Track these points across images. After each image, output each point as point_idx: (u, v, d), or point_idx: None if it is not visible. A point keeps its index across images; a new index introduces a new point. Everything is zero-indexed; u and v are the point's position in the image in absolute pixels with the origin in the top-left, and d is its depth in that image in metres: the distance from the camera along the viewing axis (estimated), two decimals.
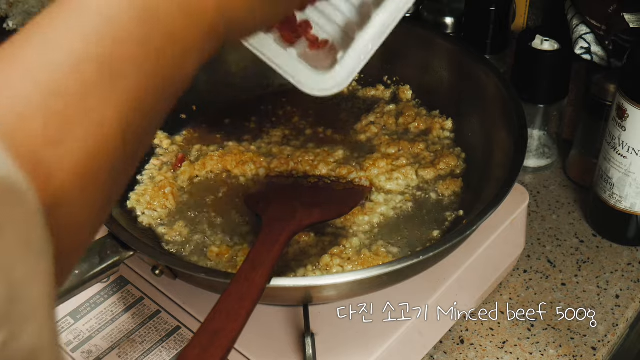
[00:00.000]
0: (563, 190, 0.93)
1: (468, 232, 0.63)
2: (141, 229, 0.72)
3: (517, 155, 0.69)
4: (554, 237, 0.87)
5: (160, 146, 0.81)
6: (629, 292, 0.80)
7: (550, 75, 0.88)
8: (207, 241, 0.72)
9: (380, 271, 0.59)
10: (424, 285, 0.70)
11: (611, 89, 0.83)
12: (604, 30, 0.83)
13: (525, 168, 0.94)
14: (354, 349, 0.65)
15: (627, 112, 0.76)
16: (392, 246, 0.71)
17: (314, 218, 0.67)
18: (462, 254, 0.71)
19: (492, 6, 0.90)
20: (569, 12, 0.89)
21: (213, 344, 0.50)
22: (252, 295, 0.54)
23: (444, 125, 0.83)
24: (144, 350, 0.66)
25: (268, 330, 0.67)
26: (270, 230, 0.61)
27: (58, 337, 0.30)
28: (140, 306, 0.70)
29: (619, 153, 0.78)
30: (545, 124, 0.92)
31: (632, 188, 0.79)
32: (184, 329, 0.68)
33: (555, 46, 0.86)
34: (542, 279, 0.82)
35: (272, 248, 0.59)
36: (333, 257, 0.68)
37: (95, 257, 0.61)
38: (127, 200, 0.74)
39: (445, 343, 0.75)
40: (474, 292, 0.76)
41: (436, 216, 0.74)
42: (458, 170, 0.78)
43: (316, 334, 0.66)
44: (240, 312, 0.53)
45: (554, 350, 0.75)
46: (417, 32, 0.84)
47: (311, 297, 0.63)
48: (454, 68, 0.83)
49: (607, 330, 0.77)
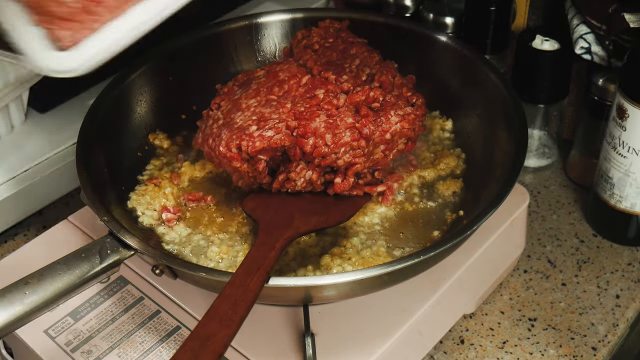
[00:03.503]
0: (563, 190, 0.93)
1: (468, 232, 0.63)
2: (141, 229, 0.72)
3: (517, 155, 0.69)
4: (554, 237, 0.87)
5: (160, 146, 0.81)
6: (629, 292, 0.80)
7: (550, 75, 0.88)
8: (207, 241, 0.72)
9: (381, 271, 0.59)
10: (424, 285, 0.70)
11: (611, 88, 0.83)
12: (604, 30, 0.83)
13: (525, 168, 0.94)
14: (354, 349, 0.65)
15: (627, 112, 0.76)
16: (392, 246, 0.71)
17: (312, 225, 0.66)
18: (462, 254, 0.71)
19: (492, 6, 0.90)
20: (569, 12, 0.89)
21: (204, 349, 0.50)
22: (246, 301, 0.54)
23: (444, 126, 0.82)
24: (144, 350, 0.66)
25: (268, 330, 0.67)
26: (267, 236, 0.61)
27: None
28: (140, 306, 0.70)
29: (619, 153, 0.78)
30: (546, 124, 0.92)
31: (632, 188, 0.79)
32: (184, 329, 0.68)
33: (555, 46, 0.86)
34: (542, 279, 0.82)
35: (268, 254, 0.59)
36: (333, 257, 0.68)
37: (95, 257, 0.61)
38: (127, 200, 0.74)
39: (446, 343, 0.75)
40: (474, 292, 0.76)
41: (436, 216, 0.74)
42: (458, 170, 0.78)
43: (316, 334, 0.66)
44: (233, 317, 0.52)
45: (554, 350, 0.75)
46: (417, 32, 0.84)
47: (311, 297, 0.63)
48: (453, 68, 0.83)
49: (607, 330, 0.77)
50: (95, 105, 0.76)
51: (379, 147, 0.70)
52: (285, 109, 0.68)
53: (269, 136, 0.66)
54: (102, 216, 0.64)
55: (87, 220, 0.77)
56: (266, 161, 0.67)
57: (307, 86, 0.71)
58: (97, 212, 0.65)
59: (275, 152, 0.67)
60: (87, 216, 0.77)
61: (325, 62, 0.75)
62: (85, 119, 0.74)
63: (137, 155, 0.80)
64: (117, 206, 0.72)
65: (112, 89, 0.78)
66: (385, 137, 0.69)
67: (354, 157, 0.68)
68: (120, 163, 0.77)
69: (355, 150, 0.67)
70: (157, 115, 0.82)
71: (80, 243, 0.64)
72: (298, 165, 0.68)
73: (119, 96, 0.79)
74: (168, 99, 0.82)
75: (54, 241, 0.76)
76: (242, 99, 0.72)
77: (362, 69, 0.74)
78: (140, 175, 0.78)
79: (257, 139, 0.66)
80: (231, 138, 0.67)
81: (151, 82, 0.81)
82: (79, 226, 0.77)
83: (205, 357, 0.50)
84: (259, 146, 0.65)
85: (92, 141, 0.73)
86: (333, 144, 0.66)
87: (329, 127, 0.67)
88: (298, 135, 0.67)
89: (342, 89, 0.72)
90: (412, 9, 0.99)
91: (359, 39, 0.80)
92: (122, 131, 0.79)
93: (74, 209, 0.79)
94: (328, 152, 0.66)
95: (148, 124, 0.82)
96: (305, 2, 1.07)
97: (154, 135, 0.82)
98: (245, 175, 0.69)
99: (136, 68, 0.80)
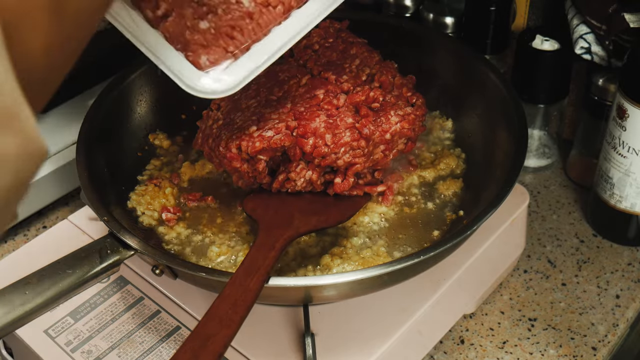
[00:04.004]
0: (563, 190, 0.93)
1: (468, 232, 0.63)
2: (141, 229, 0.72)
3: (517, 155, 0.69)
4: (554, 237, 0.87)
5: (160, 146, 0.81)
6: (629, 292, 0.80)
7: (550, 75, 0.88)
8: (207, 241, 0.72)
9: (381, 271, 0.59)
10: (424, 285, 0.70)
11: (611, 88, 0.83)
12: (604, 30, 0.83)
13: (525, 168, 0.94)
14: (354, 349, 0.65)
15: (627, 112, 0.76)
16: (392, 246, 0.71)
17: (311, 225, 0.66)
18: (462, 254, 0.71)
19: (492, 6, 0.90)
20: (569, 12, 0.89)
21: (205, 350, 0.50)
22: (245, 301, 0.54)
23: (444, 126, 0.83)
24: (144, 350, 0.66)
25: (268, 330, 0.67)
26: (267, 236, 0.61)
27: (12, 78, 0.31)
28: (140, 306, 0.70)
29: (619, 153, 0.78)
30: (546, 124, 0.92)
31: (632, 188, 0.79)
32: (184, 329, 0.68)
33: (555, 46, 0.86)
34: (542, 279, 0.82)
35: (268, 254, 0.59)
36: (333, 257, 0.68)
37: (95, 257, 0.61)
38: (127, 200, 0.74)
39: (446, 343, 0.75)
40: (474, 292, 0.76)
41: (436, 216, 0.74)
42: (458, 170, 0.78)
43: (316, 334, 0.66)
44: (233, 317, 0.52)
45: (554, 350, 0.75)
46: (417, 32, 0.84)
47: (311, 297, 0.63)
48: (454, 68, 0.83)
49: (607, 330, 0.77)
50: (95, 105, 0.76)
51: (379, 147, 0.70)
52: (285, 109, 0.68)
53: (269, 136, 0.66)
54: (102, 216, 0.64)
55: (87, 220, 0.77)
56: (266, 161, 0.67)
57: (307, 86, 0.71)
58: (97, 212, 0.65)
59: (275, 152, 0.67)
60: (87, 216, 0.77)
61: (325, 62, 0.75)
62: (85, 119, 0.74)
63: (137, 155, 0.80)
64: (117, 206, 0.72)
65: (112, 89, 0.78)
66: (385, 137, 0.69)
67: (353, 157, 0.68)
68: (120, 163, 0.77)
69: (355, 150, 0.67)
70: (157, 115, 0.82)
71: (80, 243, 0.64)
72: (298, 165, 0.68)
73: (119, 96, 0.79)
74: (168, 99, 0.82)
75: (54, 241, 0.76)
76: (242, 99, 0.72)
77: (362, 69, 0.74)
78: (140, 175, 0.78)
79: (257, 139, 0.66)
80: (231, 138, 0.67)
81: (151, 82, 0.81)
82: (79, 226, 0.77)
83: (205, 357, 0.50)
84: (259, 146, 0.65)
85: (92, 141, 0.73)
86: (333, 144, 0.66)
87: (329, 127, 0.67)
88: (298, 135, 0.67)
89: (342, 89, 0.72)
90: (412, 9, 0.99)
91: (359, 39, 0.80)
92: (122, 131, 0.79)
93: (74, 209, 0.79)
94: (328, 152, 0.66)
95: (148, 124, 0.82)
96: None
97: (154, 135, 0.82)
98: (245, 175, 0.69)
99: (136, 68, 0.80)
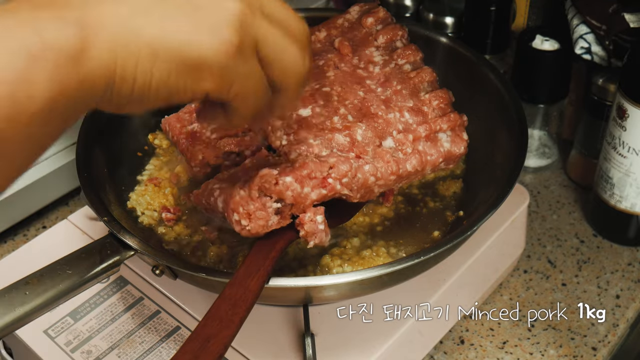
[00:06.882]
0: (563, 190, 0.93)
1: (468, 232, 0.63)
2: (141, 229, 0.72)
3: (517, 156, 0.69)
4: (554, 237, 0.87)
5: (160, 146, 0.81)
6: (630, 292, 0.80)
7: (550, 75, 0.88)
8: (207, 241, 0.72)
9: (381, 271, 0.59)
10: (424, 285, 0.70)
11: (611, 89, 0.83)
12: (604, 30, 0.83)
13: (525, 168, 0.94)
14: (354, 349, 0.65)
15: (627, 112, 0.76)
16: (392, 247, 0.71)
17: None
18: (463, 254, 0.71)
19: (492, 6, 0.90)
20: (569, 12, 0.89)
21: (205, 350, 0.50)
22: (246, 301, 0.54)
23: None
24: (144, 350, 0.66)
25: (268, 330, 0.67)
26: (267, 237, 0.61)
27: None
28: (140, 306, 0.70)
29: (620, 153, 0.78)
30: (546, 124, 0.92)
31: (632, 188, 0.79)
32: (184, 329, 0.68)
33: (555, 46, 0.86)
34: (542, 279, 0.82)
35: (268, 255, 0.59)
36: (333, 257, 0.68)
37: (95, 257, 0.61)
38: (127, 200, 0.74)
39: (446, 343, 0.75)
40: (474, 292, 0.76)
41: (436, 217, 0.74)
42: (458, 170, 0.78)
43: (316, 334, 0.66)
44: (233, 318, 0.52)
45: (554, 350, 0.75)
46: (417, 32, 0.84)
47: (311, 297, 0.63)
48: (453, 68, 0.83)
49: (607, 330, 0.77)
50: None
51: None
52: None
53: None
54: (102, 216, 0.64)
55: (87, 220, 0.77)
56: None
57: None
58: (97, 212, 0.65)
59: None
60: (87, 216, 0.77)
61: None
62: (85, 119, 0.74)
63: (137, 155, 0.80)
64: (117, 206, 0.72)
65: None
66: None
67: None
68: (120, 163, 0.77)
69: None
70: (157, 115, 0.82)
71: (80, 243, 0.64)
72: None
73: None
74: None
75: (54, 241, 0.76)
76: None
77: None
78: (140, 175, 0.78)
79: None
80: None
81: None
82: (79, 226, 0.77)
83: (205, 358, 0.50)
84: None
85: (92, 141, 0.73)
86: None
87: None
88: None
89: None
90: (412, 9, 0.99)
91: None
92: (122, 131, 0.79)
93: (74, 209, 0.79)
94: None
95: (148, 124, 0.82)
96: (305, 2, 1.07)
97: (154, 135, 0.82)
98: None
99: None
